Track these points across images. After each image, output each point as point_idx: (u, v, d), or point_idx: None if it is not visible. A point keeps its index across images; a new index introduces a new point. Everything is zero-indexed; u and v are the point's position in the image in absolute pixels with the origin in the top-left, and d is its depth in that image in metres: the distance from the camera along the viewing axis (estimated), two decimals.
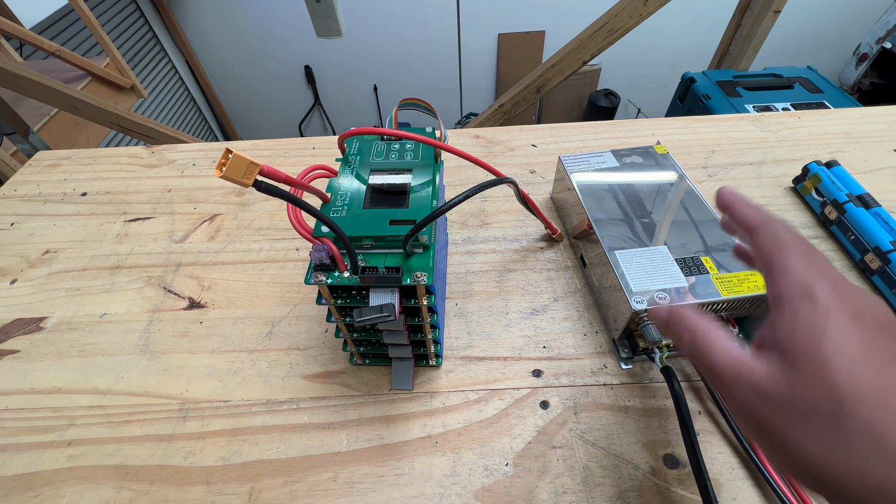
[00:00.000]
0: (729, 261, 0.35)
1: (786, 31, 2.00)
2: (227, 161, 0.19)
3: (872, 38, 1.76)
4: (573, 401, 0.34)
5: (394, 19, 2.16)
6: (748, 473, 0.30)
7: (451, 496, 0.30)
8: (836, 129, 0.57)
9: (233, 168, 0.19)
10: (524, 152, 0.57)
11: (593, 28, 1.07)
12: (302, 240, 0.47)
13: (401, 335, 0.31)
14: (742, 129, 0.58)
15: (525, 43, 2.24)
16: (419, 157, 0.32)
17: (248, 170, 0.20)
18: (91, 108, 1.15)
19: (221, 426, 0.34)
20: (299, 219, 0.26)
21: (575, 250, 0.44)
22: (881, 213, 0.41)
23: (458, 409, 0.34)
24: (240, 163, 0.19)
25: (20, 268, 0.47)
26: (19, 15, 1.44)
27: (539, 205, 0.50)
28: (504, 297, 0.41)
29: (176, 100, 2.29)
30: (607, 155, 0.45)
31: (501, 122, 1.23)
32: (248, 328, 0.40)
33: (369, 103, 2.53)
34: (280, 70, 2.39)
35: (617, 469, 0.31)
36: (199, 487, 0.31)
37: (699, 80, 1.35)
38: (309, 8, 0.96)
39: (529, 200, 0.38)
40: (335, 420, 0.34)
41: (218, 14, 2.18)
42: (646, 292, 0.33)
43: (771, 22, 1.16)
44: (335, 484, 0.31)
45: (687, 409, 0.30)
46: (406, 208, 0.28)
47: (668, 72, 2.33)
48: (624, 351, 0.36)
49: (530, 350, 0.38)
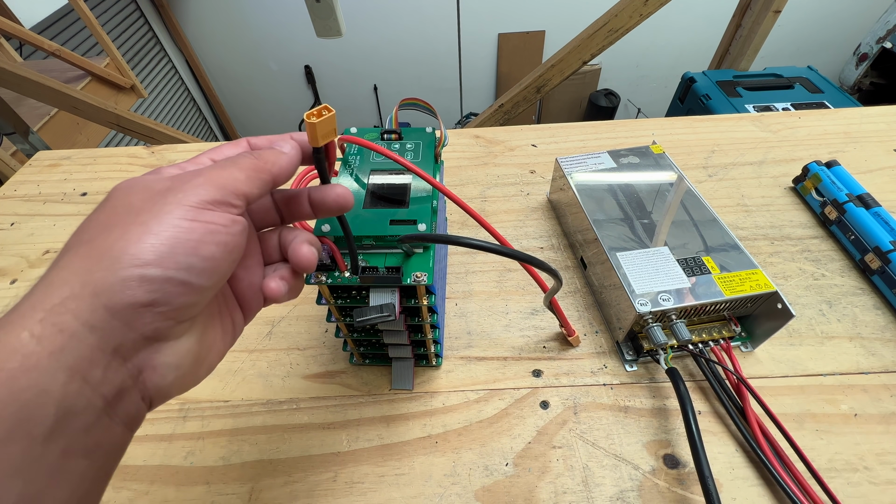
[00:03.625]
0: (730, 260, 0.35)
1: (786, 31, 2.00)
2: (322, 117, 0.19)
3: (872, 37, 1.76)
4: (573, 401, 0.34)
5: (394, 19, 2.16)
6: (748, 473, 0.30)
7: (451, 496, 0.30)
8: (836, 129, 0.57)
9: (324, 124, 0.20)
10: (524, 152, 0.57)
11: (593, 28, 1.07)
12: None
13: (401, 335, 0.31)
14: (742, 129, 0.58)
15: (525, 43, 2.24)
16: (419, 157, 0.32)
17: (328, 135, 0.20)
18: (91, 108, 1.15)
19: (221, 426, 0.34)
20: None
21: (575, 251, 0.44)
22: (881, 213, 0.41)
23: (458, 409, 0.34)
24: (330, 123, 0.20)
25: (20, 268, 0.47)
26: (19, 15, 1.44)
27: (537, 206, 0.50)
28: (504, 297, 0.41)
29: (176, 100, 2.29)
30: (604, 156, 0.45)
31: (501, 122, 1.23)
32: (248, 328, 0.40)
33: (369, 103, 2.53)
34: (280, 70, 2.39)
35: (617, 469, 0.31)
36: (199, 487, 0.31)
37: (699, 80, 1.35)
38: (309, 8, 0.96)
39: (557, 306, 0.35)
40: (335, 420, 0.34)
41: (218, 14, 2.18)
42: (648, 294, 0.33)
43: (771, 22, 1.16)
44: (335, 484, 0.31)
45: (693, 410, 0.30)
46: (406, 208, 0.28)
47: (668, 72, 2.33)
48: (629, 353, 0.36)
49: (530, 350, 0.37)
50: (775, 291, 0.33)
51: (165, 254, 0.15)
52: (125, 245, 0.15)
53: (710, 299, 0.33)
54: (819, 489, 0.28)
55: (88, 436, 0.15)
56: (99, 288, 0.15)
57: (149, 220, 0.16)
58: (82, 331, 0.14)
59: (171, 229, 0.16)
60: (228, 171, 0.18)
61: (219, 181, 0.17)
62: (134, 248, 0.15)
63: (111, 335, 0.15)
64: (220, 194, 0.17)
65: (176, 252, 0.16)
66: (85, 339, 0.14)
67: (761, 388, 0.34)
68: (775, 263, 0.42)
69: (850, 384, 0.34)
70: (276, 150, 0.20)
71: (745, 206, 0.48)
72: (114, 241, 0.15)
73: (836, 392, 0.34)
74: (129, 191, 0.18)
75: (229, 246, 0.17)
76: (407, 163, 0.27)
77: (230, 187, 0.18)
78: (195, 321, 0.18)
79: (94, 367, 0.15)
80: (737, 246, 0.36)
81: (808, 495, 0.28)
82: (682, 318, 0.34)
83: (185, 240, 0.16)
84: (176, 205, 0.16)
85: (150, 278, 0.15)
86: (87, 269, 0.15)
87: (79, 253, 0.16)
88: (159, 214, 0.16)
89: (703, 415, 0.33)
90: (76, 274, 0.15)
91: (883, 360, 0.35)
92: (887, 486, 0.29)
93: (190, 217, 0.16)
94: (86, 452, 0.15)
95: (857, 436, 0.31)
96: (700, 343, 0.35)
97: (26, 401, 0.13)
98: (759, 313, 0.35)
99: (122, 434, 0.16)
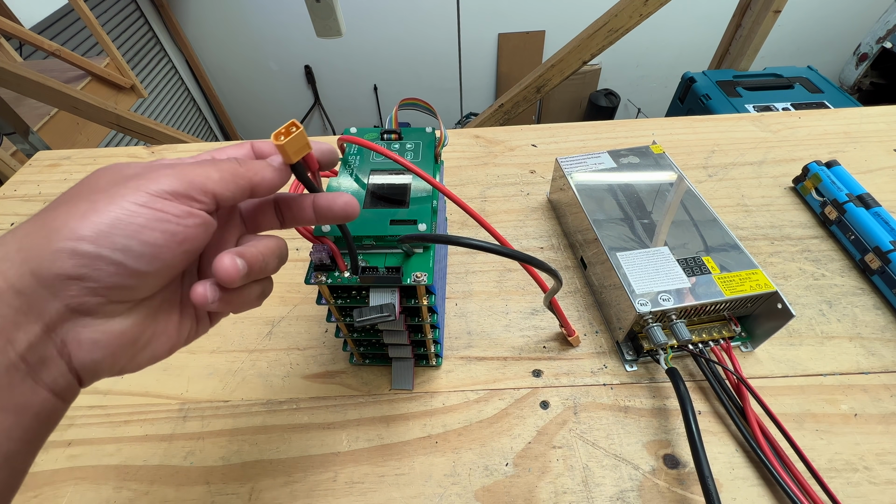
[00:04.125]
0: (730, 260, 0.35)
1: (786, 31, 1.99)
2: (290, 134, 0.19)
3: (872, 37, 1.76)
4: (573, 401, 0.34)
5: (394, 19, 2.16)
6: (748, 473, 0.30)
7: (451, 496, 0.30)
8: (836, 129, 0.57)
9: (293, 142, 0.19)
10: (524, 152, 0.57)
11: (593, 28, 1.07)
12: (302, 239, 0.47)
13: (401, 335, 0.31)
14: (742, 129, 0.58)
15: (525, 43, 2.24)
16: (419, 156, 0.32)
17: (301, 150, 0.20)
18: (91, 108, 1.15)
19: (221, 426, 0.34)
20: None
21: (575, 251, 0.44)
22: (881, 213, 0.41)
23: (458, 409, 0.34)
24: (300, 140, 0.20)
25: None
26: (19, 15, 1.44)
27: (537, 206, 0.50)
28: (504, 297, 0.41)
29: (176, 100, 2.29)
30: (604, 156, 0.45)
31: (501, 122, 1.23)
32: (248, 328, 0.40)
33: (369, 103, 2.53)
34: (280, 70, 2.39)
35: (617, 469, 0.31)
36: (199, 487, 0.31)
37: (699, 80, 1.35)
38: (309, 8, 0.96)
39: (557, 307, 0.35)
40: (335, 420, 0.34)
41: (218, 14, 2.17)
42: (648, 294, 0.33)
43: (771, 22, 1.16)
44: (335, 484, 0.31)
45: (693, 410, 0.30)
46: (406, 208, 0.28)
47: (668, 72, 2.32)
48: (629, 353, 0.36)
49: (530, 350, 0.37)
50: (775, 291, 0.33)
51: (103, 232, 0.16)
52: (66, 219, 0.16)
53: (710, 299, 0.33)
54: (819, 489, 0.28)
55: (12, 394, 0.15)
56: (31, 255, 0.15)
57: (100, 199, 0.16)
58: (8, 293, 0.15)
59: (116, 210, 0.16)
60: (203, 168, 0.18)
61: (188, 176, 0.18)
62: (74, 222, 0.16)
63: (35, 302, 0.15)
64: (183, 187, 0.17)
65: (114, 232, 0.16)
66: (10, 302, 0.15)
67: (761, 388, 0.34)
68: (775, 263, 0.42)
69: (850, 384, 0.34)
70: (265, 162, 0.21)
71: (745, 206, 0.48)
72: (59, 215, 0.16)
73: (836, 392, 0.34)
74: (102, 173, 0.18)
75: (178, 237, 0.17)
76: (407, 163, 0.27)
77: (198, 183, 0.18)
78: (139, 304, 0.18)
79: (17, 329, 0.15)
80: (737, 246, 0.36)
81: (808, 495, 0.28)
82: (682, 318, 0.34)
83: (127, 222, 0.16)
84: (134, 189, 0.17)
85: (81, 252, 0.16)
86: (26, 236, 0.16)
87: (30, 222, 0.17)
88: (114, 196, 0.17)
89: (703, 415, 0.33)
90: (16, 239, 0.16)
91: (883, 360, 0.35)
92: (887, 486, 0.29)
93: (141, 202, 0.17)
94: (12, 410, 0.15)
95: (857, 436, 0.31)
96: (700, 343, 0.35)
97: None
98: (759, 313, 0.35)
99: (52, 401, 0.17)
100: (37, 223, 0.16)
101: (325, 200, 0.22)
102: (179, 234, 0.17)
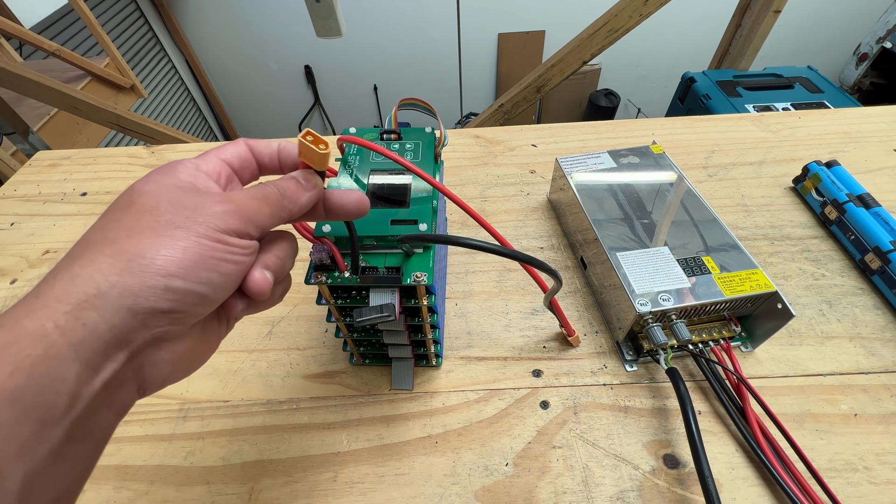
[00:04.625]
0: (730, 260, 0.35)
1: (786, 31, 1.99)
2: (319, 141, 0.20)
3: (872, 37, 1.76)
4: (573, 401, 0.34)
5: (394, 19, 2.16)
6: (748, 473, 0.30)
7: (451, 496, 0.30)
8: (836, 129, 0.57)
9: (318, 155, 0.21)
10: (524, 152, 0.57)
11: (593, 28, 1.07)
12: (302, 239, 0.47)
13: (401, 335, 0.31)
14: (742, 129, 0.58)
15: (525, 43, 2.24)
16: (419, 156, 0.32)
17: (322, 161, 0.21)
18: (91, 108, 1.15)
19: (221, 426, 0.34)
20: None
21: (575, 251, 0.44)
22: (881, 213, 0.41)
23: (458, 409, 0.34)
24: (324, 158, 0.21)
25: (20, 268, 0.47)
26: (19, 15, 1.44)
27: (537, 206, 0.50)
28: (504, 297, 0.41)
29: (176, 100, 2.29)
30: (604, 156, 0.45)
31: (501, 122, 1.23)
32: (248, 328, 0.40)
33: (369, 103, 2.53)
34: (280, 70, 2.39)
35: (617, 469, 0.31)
36: (199, 487, 0.31)
37: (699, 80, 1.35)
38: (309, 8, 0.96)
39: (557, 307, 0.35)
40: (335, 420, 0.34)
41: (218, 14, 2.17)
42: (648, 294, 0.33)
43: (771, 22, 1.16)
44: (335, 484, 0.31)
45: (693, 410, 0.30)
46: (407, 208, 0.28)
47: (668, 72, 2.32)
48: (629, 353, 0.36)
49: (530, 350, 0.37)
50: (775, 291, 0.33)
51: (191, 269, 0.17)
52: (155, 255, 0.17)
53: (710, 299, 0.33)
54: (819, 489, 0.28)
55: (88, 422, 0.16)
56: (126, 291, 0.16)
57: (177, 233, 0.17)
58: (103, 327, 0.16)
59: (197, 246, 0.17)
60: (257, 204, 0.20)
61: (246, 214, 0.19)
62: (163, 259, 0.17)
63: (127, 334, 0.16)
64: (243, 225, 0.19)
65: (199, 268, 0.17)
66: (103, 335, 0.16)
67: (761, 388, 0.34)
68: (775, 263, 0.42)
69: (850, 384, 0.34)
70: (298, 183, 0.21)
71: (745, 206, 0.48)
72: (144, 249, 0.17)
73: (836, 392, 0.34)
74: (154, 196, 0.19)
75: (243, 266, 0.19)
76: (407, 163, 0.27)
77: (254, 220, 0.20)
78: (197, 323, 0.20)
79: (106, 360, 0.16)
80: (737, 246, 0.36)
81: (808, 495, 0.28)
82: (682, 318, 0.34)
83: (208, 257, 0.18)
84: (205, 225, 0.18)
85: (174, 289, 0.17)
86: (116, 271, 0.16)
87: (104, 252, 0.17)
88: (188, 231, 0.18)
89: (703, 415, 0.33)
90: (103, 274, 0.16)
91: (883, 360, 0.35)
92: (887, 486, 0.29)
93: (216, 238, 0.18)
94: (83, 438, 0.16)
95: (857, 436, 0.31)
96: (700, 343, 0.35)
97: (43, 386, 0.14)
98: (759, 313, 0.35)
99: (113, 421, 0.17)
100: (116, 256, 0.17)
101: (337, 197, 0.22)
102: (244, 263, 0.19)
